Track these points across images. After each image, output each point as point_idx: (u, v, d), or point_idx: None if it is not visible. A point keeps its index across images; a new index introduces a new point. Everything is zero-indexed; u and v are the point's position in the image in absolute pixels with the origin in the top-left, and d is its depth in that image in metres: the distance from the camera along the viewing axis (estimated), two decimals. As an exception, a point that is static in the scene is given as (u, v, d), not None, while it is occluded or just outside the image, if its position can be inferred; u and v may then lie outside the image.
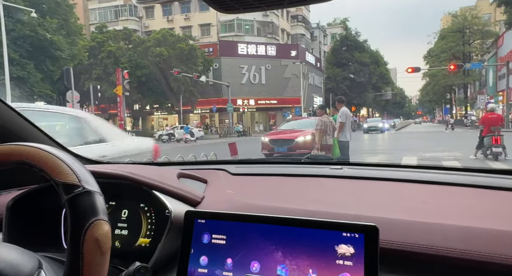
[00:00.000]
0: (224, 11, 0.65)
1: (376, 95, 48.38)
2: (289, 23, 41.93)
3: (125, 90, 15.19)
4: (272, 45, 35.12)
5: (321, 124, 6.20)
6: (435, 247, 0.66)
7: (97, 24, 30.99)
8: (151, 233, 0.89)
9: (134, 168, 0.97)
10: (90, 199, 0.54)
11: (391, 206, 0.85)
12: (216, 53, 32.82)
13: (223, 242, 0.71)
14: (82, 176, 0.55)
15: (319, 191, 1.03)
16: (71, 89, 13.40)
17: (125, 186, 0.92)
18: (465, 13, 42.65)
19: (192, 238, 0.73)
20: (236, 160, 1.57)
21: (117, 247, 0.90)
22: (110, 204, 0.96)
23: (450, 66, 28.69)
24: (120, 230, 0.92)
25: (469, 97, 44.83)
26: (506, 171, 1.02)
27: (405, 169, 1.20)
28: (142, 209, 0.92)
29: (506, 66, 27.26)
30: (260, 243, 0.68)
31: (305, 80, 34.84)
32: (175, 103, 28.27)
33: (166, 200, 0.86)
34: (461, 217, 0.75)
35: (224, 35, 35.47)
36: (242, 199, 0.95)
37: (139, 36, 30.32)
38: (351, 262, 0.61)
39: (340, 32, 48.90)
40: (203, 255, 0.71)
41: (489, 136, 8.57)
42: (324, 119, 6.29)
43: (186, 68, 26.12)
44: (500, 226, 0.69)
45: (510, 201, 0.84)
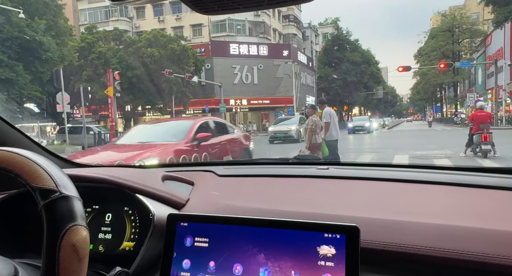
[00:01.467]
0: (204, 12, 0.65)
1: (368, 94, 48.69)
2: (281, 23, 41.99)
3: (116, 91, 15.04)
4: (264, 45, 35.15)
5: (311, 124, 6.27)
6: (415, 246, 0.67)
7: (87, 25, 30.66)
8: (135, 237, 0.88)
9: (118, 171, 0.96)
10: (68, 204, 0.53)
11: (373, 206, 0.85)
12: (208, 54, 32.73)
13: (206, 245, 0.70)
14: (60, 181, 0.54)
15: (305, 192, 1.03)
16: (61, 90, 13.23)
17: (109, 189, 0.91)
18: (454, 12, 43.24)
19: (175, 242, 0.72)
20: (224, 161, 1.56)
21: (101, 252, 0.88)
22: (94, 208, 0.94)
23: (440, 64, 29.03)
24: (104, 234, 0.91)
25: (459, 95, 45.41)
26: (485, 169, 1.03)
27: (390, 168, 1.21)
28: (126, 212, 0.91)
29: (495, 65, 27.67)
30: (243, 246, 0.68)
31: (297, 79, 34.93)
32: (168, 104, 28.12)
33: (149, 203, 0.85)
34: (441, 215, 0.76)
35: (216, 35, 35.40)
36: (228, 201, 0.95)
37: (130, 36, 30.08)
38: (332, 263, 0.61)
39: (332, 32, 49.11)
40: (186, 259, 0.71)
41: (478, 133, 8.69)
42: (314, 119, 6.35)
43: (178, 69, 25.99)
44: (478, 224, 0.70)
45: (489, 199, 0.85)
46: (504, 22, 21.88)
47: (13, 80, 15.82)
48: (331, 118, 6.48)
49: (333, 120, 6.51)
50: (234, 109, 33.08)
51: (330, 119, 6.46)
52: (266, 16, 37.11)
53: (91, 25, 28.96)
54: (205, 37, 35.69)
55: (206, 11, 0.64)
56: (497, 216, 0.75)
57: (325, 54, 45.58)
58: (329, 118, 6.46)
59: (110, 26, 32.46)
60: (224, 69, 32.42)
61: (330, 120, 6.45)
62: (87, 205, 0.94)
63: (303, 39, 46.20)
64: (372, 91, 49.29)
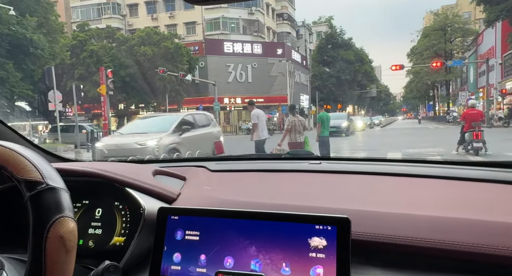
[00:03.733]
0: (195, 3, 0.64)
1: (362, 92, 48.98)
2: (275, 21, 41.97)
3: (109, 89, 14.89)
4: (258, 43, 35.11)
5: (288, 124, 6.69)
6: (405, 238, 0.67)
7: (79, 22, 30.34)
8: (126, 232, 0.87)
9: (108, 166, 0.95)
10: (55, 195, 0.52)
11: (365, 199, 0.86)
12: (202, 52, 32.61)
13: (197, 238, 0.70)
14: (46, 173, 0.53)
15: (297, 186, 1.03)
16: (53, 88, 13.08)
17: (99, 184, 0.90)
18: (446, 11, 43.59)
19: (165, 235, 0.71)
20: (216, 157, 1.56)
21: (91, 247, 0.87)
22: (84, 203, 0.93)
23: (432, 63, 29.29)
24: (94, 229, 0.90)
25: (451, 93, 45.87)
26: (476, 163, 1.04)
27: (382, 162, 1.22)
28: (116, 207, 0.90)
29: (486, 63, 27.97)
30: (234, 239, 0.67)
31: (291, 78, 34.97)
32: (161, 102, 27.99)
33: (140, 197, 0.84)
34: (432, 207, 0.76)
35: (210, 34, 35.27)
36: (219, 195, 0.94)
37: (122, 34, 29.84)
38: (323, 255, 0.61)
39: (326, 30, 49.23)
40: (177, 252, 0.70)
41: (470, 131, 8.78)
42: (292, 119, 6.70)
43: (172, 67, 25.86)
44: (468, 215, 0.70)
45: (478, 191, 0.86)
46: (495, 21, 22.14)
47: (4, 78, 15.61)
48: (259, 119, 6.91)
49: (261, 121, 6.96)
50: (228, 108, 33.03)
51: (258, 120, 6.89)
52: (260, 14, 37.06)
53: (83, 23, 28.67)
54: (199, 35, 35.54)
55: (197, 1, 0.63)
56: (486, 208, 0.76)
57: (319, 53, 45.70)
58: (257, 120, 6.90)
59: (102, 24, 32.16)
60: (218, 67, 32.33)
61: (258, 121, 6.89)
62: (77, 199, 0.93)
63: (297, 38, 46.26)
64: (366, 89, 49.58)
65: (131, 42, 26.37)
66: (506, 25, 22.83)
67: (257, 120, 6.91)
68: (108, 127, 15.18)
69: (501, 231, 0.64)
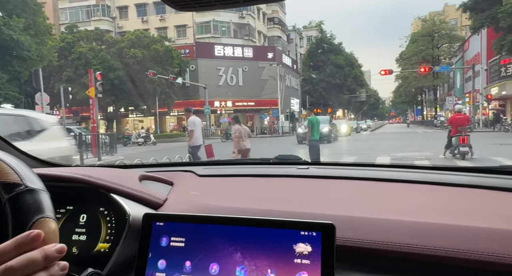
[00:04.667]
0: (180, 8, 0.64)
1: (351, 96, 49.47)
2: (266, 25, 42.20)
3: (97, 92, 14.69)
4: (249, 47, 35.22)
5: (234, 132, 7.19)
6: (389, 243, 0.68)
7: (67, 24, 30.00)
8: (110, 238, 0.86)
9: (93, 171, 0.94)
10: (34, 197, 0.51)
11: (351, 204, 0.86)
12: (193, 55, 32.56)
13: (182, 245, 0.69)
14: (25, 175, 0.53)
15: (285, 191, 1.03)
16: (40, 91, 12.86)
17: (84, 189, 0.89)
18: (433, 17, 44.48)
19: (150, 242, 0.71)
20: (205, 161, 1.55)
21: (75, 254, 0.86)
22: (68, 208, 0.92)
23: (420, 68, 29.81)
24: (78, 235, 0.88)
25: (439, 98, 46.69)
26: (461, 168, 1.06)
27: (370, 168, 1.23)
28: (101, 213, 0.89)
29: (472, 69, 28.59)
30: (219, 245, 0.67)
31: (282, 82, 35.13)
32: (151, 105, 27.78)
33: (125, 203, 0.83)
34: (417, 213, 0.77)
35: (201, 37, 35.25)
36: (206, 200, 0.94)
37: (112, 36, 29.59)
38: (308, 261, 0.61)
39: (316, 35, 49.73)
40: (161, 259, 0.69)
41: (456, 136, 8.94)
42: (237, 127, 7.22)
43: (162, 70, 25.73)
44: (452, 220, 0.71)
45: (463, 197, 0.88)
46: (480, 28, 22.66)
47: (-11, 80, 15.31)
48: (195, 126, 7.27)
49: (196, 128, 7.33)
50: (219, 111, 32.99)
51: (195, 127, 7.25)
52: (251, 18, 37.22)
53: (71, 25, 28.36)
54: (189, 38, 35.49)
55: (182, 7, 0.63)
56: (470, 213, 0.77)
57: (310, 57, 46.09)
58: (193, 126, 7.25)
59: (91, 26, 31.86)
60: (208, 70, 32.30)
61: (195, 128, 7.25)
62: (60, 205, 0.92)
63: (287, 42, 46.57)
64: (355, 93, 50.13)
65: (121, 44, 26.17)
66: (491, 32, 23.41)
67: (193, 126, 7.28)
68: (97, 130, 14.98)
69: (485, 236, 0.65)
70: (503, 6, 18.25)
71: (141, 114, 31.44)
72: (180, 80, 27.14)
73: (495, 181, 0.93)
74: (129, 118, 34.64)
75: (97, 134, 14.33)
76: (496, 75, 26.82)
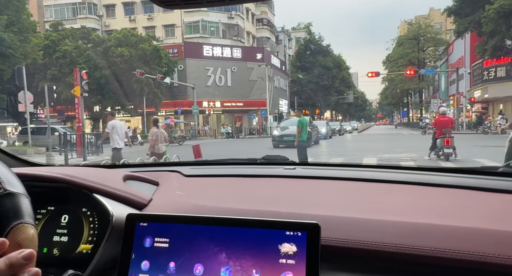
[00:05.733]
0: (165, 6, 0.63)
1: (339, 98, 49.94)
2: (255, 26, 42.25)
3: (83, 91, 14.43)
4: (237, 48, 35.19)
5: (151, 135, 7.53)
6: (373, 243, 0.68)
7: (52, 22, 29.41)
8: (93, 239, 0.84)
9: (76, 170, 0.92)
10: (13, 201, 0.49)
11: (337, 204, 0.87)
12: (181, 55, 32.32)
13: (166, 246, 0.68)
14: (4, 178, 0.52)
15: (271, 191, 1.03)
16: (24, 89, 12.56)
17: (66, 190, 0.87)
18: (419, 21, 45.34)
19: (134, 242, 0.69)
20: (191, 161, 1.54)
21: (56, 255, 0.84)
22: (49, 209, 0.90)
23: (407, 71, 30.31)
24: (59, 236, 0.86)
25: (424, 101, 47.58)
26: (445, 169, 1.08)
27: (356, 168, 1.24)
28: (84, 213, 0.87)
29: (456, 73, 29.23)
30: (204, 245, 0.66)
31: (270, 83, 35.21)
32: (138, 105, 27.46)
33: (108, 203, 0.82)
34: (401, 213, 0.78)
35: (189, 37, 35.04)
36: (192, 200, 0.93)
37: (98, 35, 29.13)
38: (293, 261, 0.61)
39: (304, 36, 50.03)
40: (145, 260, 0.68)
41: (441, 137, 9.11)
42: (154, 130, 7.51)
43: (150, 69, 25.47)
44: (436, 220, 0.72)
45: (446, 197, 0.89)
46: (464, 32, 23.17)
47: (-30, 78, 14.88)
48: (114, 129, 7.59)
49: (116, 131, 7.63)
50: (207, 111, 32.84)
51: (113, 130, 7.58)
52: (239, 19, 37.21)
53: (56, 22, 27.80)
54: (178, 38, 35.24)
55: (167, 4, 0.62)
56: (452, 213, 0.78)
57: (298, 58, 46.34)
58: (111, 130, 7.59)
59: (77, 24, 31.32)
60: (197, 70, 32.13)
61: (113, 131, 7.58)
62: (41, 206, 0.89)
63: (276, 43, 46.73)
64: (343, 95, 50.62)
65: (108, 43, 25.79)
66: (474, 37, 23.96)
67: (111, 129, 7.61)
68: (82, 130, 14.71)
69: (466, 236, 0.66)
70: (486, 12, 18.71)
71: (128, 114, 31.04)
72: (168, 80, 26.91)
73: (476, 181, 0.95)
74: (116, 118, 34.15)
75: (82, 133, 14.07)
76: (479, 78, 27.48)
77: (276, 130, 15.90)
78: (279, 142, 14.36)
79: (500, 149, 7.81)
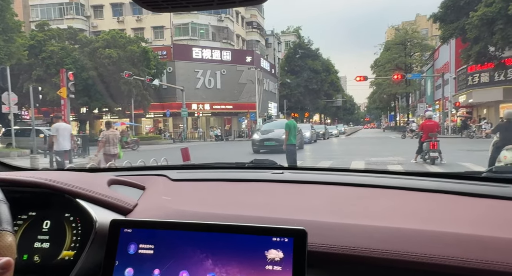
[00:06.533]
0: (152, 9, 0.63)
1: (328, 101, 50.36)
2: (244, 29, 42.35)
3: (70, 92, 14.21)
4: (227, 50, 35.18)
5: (102, 137, 7.64)
6: (359, 248, 0.68)
7: (38, 22, 28.89)
8: (76, 245, 0.82)
9: (59, 175, 0.89)
10: None
11: (324, 210, 0.87)
12: (170, 57, 32.14)
13: (151, 252, 0.67)
14: None
15: (259, 196, 1.02)
16: (8, 90, 12.29)
17: (48, 195, 0.85)
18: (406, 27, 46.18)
19: (118, 249, 0.68)
20: (179, 165, 1.52)
21: (36, 262, 0.82)
22: (30, 214, 0.87)
23: (394, 76, 30.80)
24: (40, 243, 0.84)
25: (411, 105, 48.36)
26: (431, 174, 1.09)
27: (343, 173, 1.24)
28: (67, 219, 0.85)
29: (442, 78, 29.84)
30: (189, 252, 0.65)
31: (260, 86, 35.29)
32: (127, 107, 27.14)
33: (92, 208, 0.80)
34: (388, 218, 0.78)
35: (178, 39, 34.88)
36: (178, 206, 0.92)
37: (86, 36, 28.75)
38: (280, 267, 0.61)
39: (294, 40, 50.38)
40: (129, 267, 0.67)
41: (427, 141, 9.24)
42: (106, 133, 7.64)
43: (138, 71, 25.23)
44: (421, 226, 0.73)
45: (431, 202, 0.90)
46: (449, 39, 23.67)
47: (-49, 78, 14.44)
48: (58, 132, 7.73)
49: (62, 134, 7.76)
50: (196, 114, 32.67)
51: (57, 133, 7.73)
52: (229, 21, 37.25)
53: (42, 22, 27.33)
54: (167, 40, 35.04)
55: (154, 7, 0.61)
56: (437, 218, 0.79)
57: (287, 62, 46.61)
58: (56, 132, 7.75)
59: (64, 24, 30.86)
60: (186, 73, 31.98)
61: (57, 133, 7.73)
62: (22, 211, 0.87)
63: (266, 46, 46.91)
64: (332, 99, 51.08)
65: (95, 44, 25.46)
66: (459, 43, 24.51)
67: (56, 132, 7.73)
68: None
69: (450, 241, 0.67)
70: (470, 19, 19.17)
71: (116, 116, 30.65)
72: (157, 81, 26.71)
73: (460, 186, 0.96)
74: (103, 120, 33.69)
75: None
76: (464, 83, 28.08)
77: (257, 134, 14.44)
78: (260, 147, 13.19)
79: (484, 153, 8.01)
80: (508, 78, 23.37)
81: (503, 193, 0.87)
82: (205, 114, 34.34)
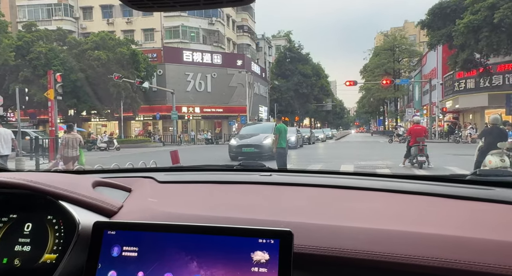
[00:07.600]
0: (137, 8, 0.62)
1: (318, 105, 50.74)
2: (235, 33, 42.45)
3: (57, 94, 13.99)
4: (218, 54, 35.19)
5: (62, 140, 7.95)
6: (345, 250, 0.68)
7: (25, 22, 28.45)
8: (58, 248, 0.80)
9: (42, 176, 0.87)
10: None
11: (311, 211, 0.87)
12: (161, 59, 31.98)
13: (135, 255, 0.66)
14: None
15: (246, 198, 1.02)
16: (-7, 91, 12.07)
17: (30, 197, 0.83)
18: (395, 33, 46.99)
19: (101, 252, 0.66)
20: (166, 168, 1.51)
21: (17, 266, 0.79)
22: (11, 217, 0.85)
23: (383, 81, 31.23)
24: (21, 246, 0.82)
25: (399, 110, 49.09)
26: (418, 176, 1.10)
27: (331, 175, 1.25)
28: (49, 221, 0.83)
29: (429, 83, 30.37)
30: (174, 254, 0.64)
31: (250, 89, 35.35)
32: (115, 109, 26.84)
33: (75, 210, 0.78)
34: (374, 220, 0.79)
35: (169, 41, 34.75)
36: (165, 208, 0.90)
37: (75, 37, 28.41)
38: (266, 269, 0.60)
39: (284, 44, 50.70)
40: (112, 270, 0.65)
41: (415, 146, 9.38)
42: (66, 136, 7.94)
43: (128, 73, 25.02)
44: (407, 227, 0.73)
45: (418, 204, 0.91)
46: (436, 45, 24.14)
47: None
48: None
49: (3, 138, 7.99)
50: (186, 117, 32.51)
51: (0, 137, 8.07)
52: (220, 25, 37.29)
53: (30, 23, 26.93)
54: (157, 43, 34.88)
55: (140, 7, 0.61)
56: (422, 220, 0.80)
57: (278, 66, 46.85)
58: None
59: (53, 26, 30.48)
60: (176, 75, 31.85)
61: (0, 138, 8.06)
62: (2, 214, 0.85)
63: (256, 50, 47.09)
64: (322, 103, 51.49)
65: (84, 46, 25.18)
66: (446, 49, 25.01)
67: None
68: (55, 134, 14.21)
69: (435, 243, 0.67)
70: (456, 26, 19.60)
71: (105, 118, 30.29)
72: (147, 84, 26.52)
73: (445, 189, 0.97)
74: (92, 122, 33.26)
75: (55, 138, 13.60)
76: (451, 89, 28.63)
77: (234, 139, 12.88)
78: (237, 154, 11.84)
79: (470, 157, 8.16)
80: (493, 85, 23.92)
81: (487, 196, 0.89)
82: (195, 117, 34.21)
